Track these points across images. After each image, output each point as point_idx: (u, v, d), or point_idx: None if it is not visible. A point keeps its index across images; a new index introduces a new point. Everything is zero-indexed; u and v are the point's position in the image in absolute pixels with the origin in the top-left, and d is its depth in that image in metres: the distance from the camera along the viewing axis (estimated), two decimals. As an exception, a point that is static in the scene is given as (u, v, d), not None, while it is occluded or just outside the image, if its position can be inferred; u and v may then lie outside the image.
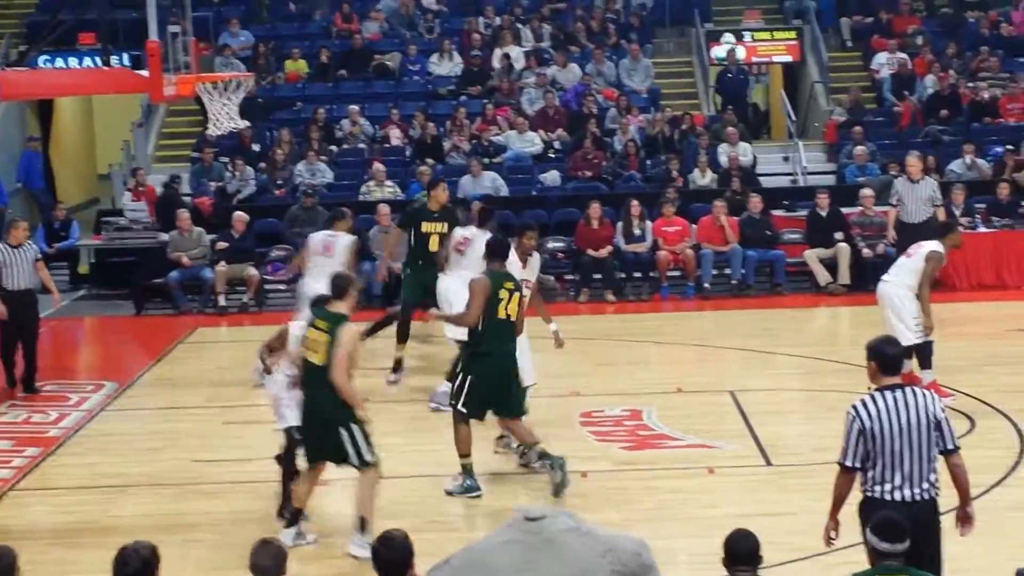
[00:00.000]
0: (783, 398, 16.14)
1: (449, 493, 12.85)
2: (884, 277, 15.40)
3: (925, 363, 15.08)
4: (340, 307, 11.45)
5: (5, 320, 17.19)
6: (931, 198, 20.73)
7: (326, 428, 11.37)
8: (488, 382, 12.69)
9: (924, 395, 8.56)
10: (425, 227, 16.99)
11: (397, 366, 17.17)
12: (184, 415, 16.28)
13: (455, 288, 15.24)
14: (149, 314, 22.57)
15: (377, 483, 11.44)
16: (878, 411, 8.45)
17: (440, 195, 17.28)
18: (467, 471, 12.83)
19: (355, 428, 11.30)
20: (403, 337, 17.21)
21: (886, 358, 8.63)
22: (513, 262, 13.64)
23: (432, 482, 13.08)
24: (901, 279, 15.11)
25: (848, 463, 8.56)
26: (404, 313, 17.21)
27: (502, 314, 12.65)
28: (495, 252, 13.09)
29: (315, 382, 11.34)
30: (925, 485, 8.47)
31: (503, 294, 12.65)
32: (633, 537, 4.60)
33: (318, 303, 11.64)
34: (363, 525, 11.29)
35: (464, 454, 12.83)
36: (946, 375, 15.91)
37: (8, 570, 7.38)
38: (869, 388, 8.71)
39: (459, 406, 12.74)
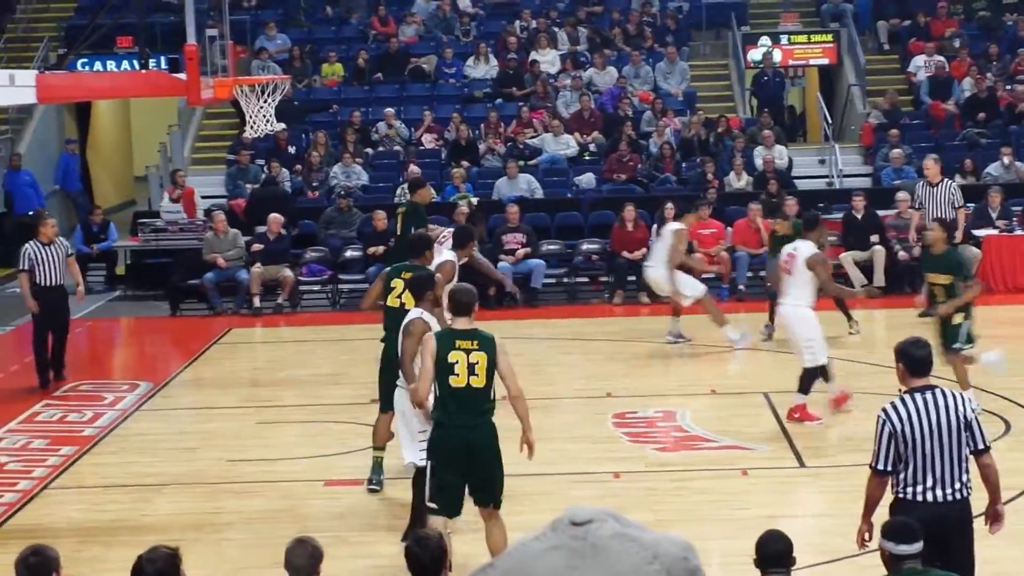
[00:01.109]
0: (817, 400, 16.07)
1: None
2: (781, 301, 15.43)
3: (803, 387, 14.99)
4: (469, 323, 10.24)
5: (37, 315, 17.40)
6: (951, 200, 20.66)
7: (491, 459, 10.15)
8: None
9: (954, 396, 8.55)
10: None
11: None
12: (218, 415, 16.35)
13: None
14: (184, 315, 22.67)
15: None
16: (908, 414, 8.44)
17: (426, 195, 17.92)
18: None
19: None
20: None
21: (914, 360, 8.61)
22: None
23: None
24: (798, 300, 15.18)
25: (880, 466, 8.54)
26: None
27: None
28: (419, 287, 11.56)
29: (475, 410, 10.10)
30: (957, 485, 8.45)
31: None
32: (678, 540, 4.54)
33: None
34: None
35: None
36: (983, 377, 15.84)
37: (50, 569, 7.40)
38: (900, 390, 8.68)
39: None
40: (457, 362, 9.91)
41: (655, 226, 22.38)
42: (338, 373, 17.97)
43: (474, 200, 24.14)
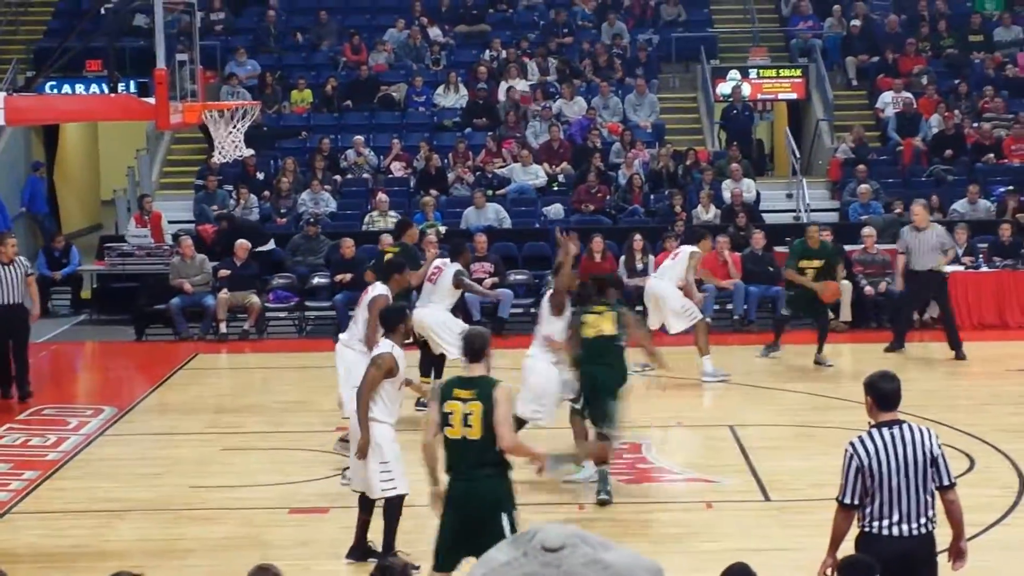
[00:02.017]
0: (783, 433, 16.10)
1: None
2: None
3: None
4: (480, 369, 9.78)
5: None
6: (939, 245, 20.32)
7: (488, 517, 9.50)
8: None
9: (922, 431, 8.55)
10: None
11: None
12: (182, 441, 16.26)
13: (429, 321, 16.53)
14: (150, 340, 22.58)
15: None
16: (876, 448, 8.43)
17: (414, 234, 18.31)
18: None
19: (515, 514, 9.64)
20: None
21: (883, 394, 8.61)
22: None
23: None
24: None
25: (847, 500, 8.53)
26: None
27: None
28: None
29: (471, 462, 9.62)
30: (923, 520, 8.45)
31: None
32: (650, 565, 4.54)
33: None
34: None
35: None
36: (949, 413, 15.94)
37: None
38: (870, 424, 8.69)
39: None
40: (452, 412, 9.55)
41: (650, 256, 22.55)
42: (304, 400, 17.90)
43: (442, 229, 24.13)
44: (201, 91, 20.15)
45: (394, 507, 11.40)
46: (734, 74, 29.69)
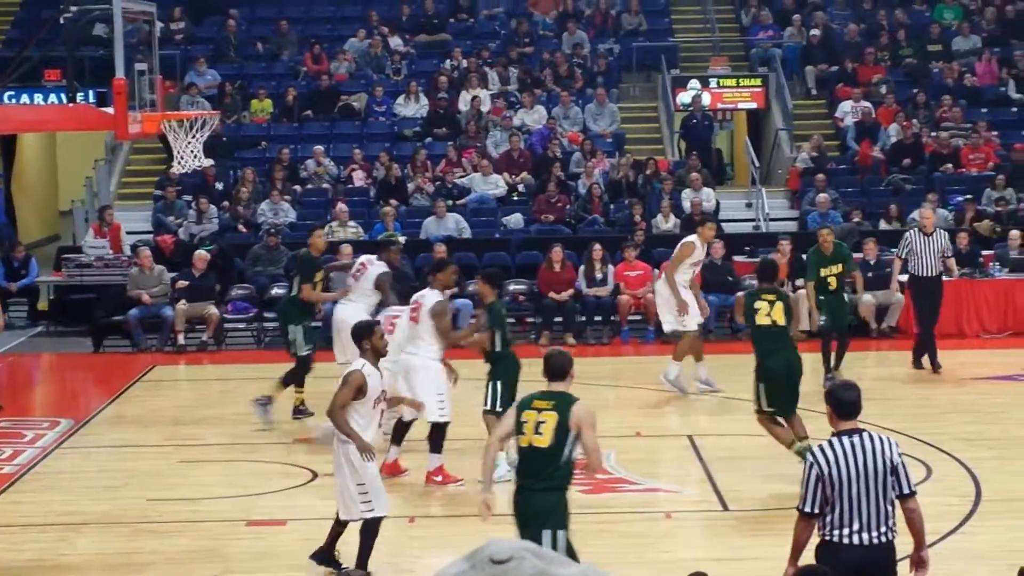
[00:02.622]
0: (742, 443, 16.09)
1: None
2: (411, 350, 14.65)
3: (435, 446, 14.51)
4: (561, 387, 9.77)
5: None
6: (943, 250, 19.97)
7: (535, 530, 9.50)
8: None
9: (882, 440, 8.55)
10: (318, 276, 17.32)
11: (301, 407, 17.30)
12: (140, 453, 16.18)
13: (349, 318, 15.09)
14: (108, 352, 22.47)
15: None
16: (836, 456, 8.44)
17: (318, 242, 17.66)
18: None
19: (562, 533, 9.66)
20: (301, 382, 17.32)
21: (842, 403, 8.62)
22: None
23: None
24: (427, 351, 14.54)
25: (807, 509, 8.54)
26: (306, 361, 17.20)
27: None
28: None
29: (532, 471, 9.64)
30: (883, 529, 8.47)
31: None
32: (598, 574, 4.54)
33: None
34: None
35: None
36: (908, 422, 16.01)
37: None
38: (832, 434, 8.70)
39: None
40: (527, 421, 9.57)
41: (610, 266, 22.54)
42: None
43: (401, 239, 24.07)
44: (160, 101, 20.07)
45: (371, 528, 11.35)
46: (694, 83, 29.73)
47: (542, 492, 9.58)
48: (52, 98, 27.35)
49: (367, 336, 11.47)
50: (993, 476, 14.38)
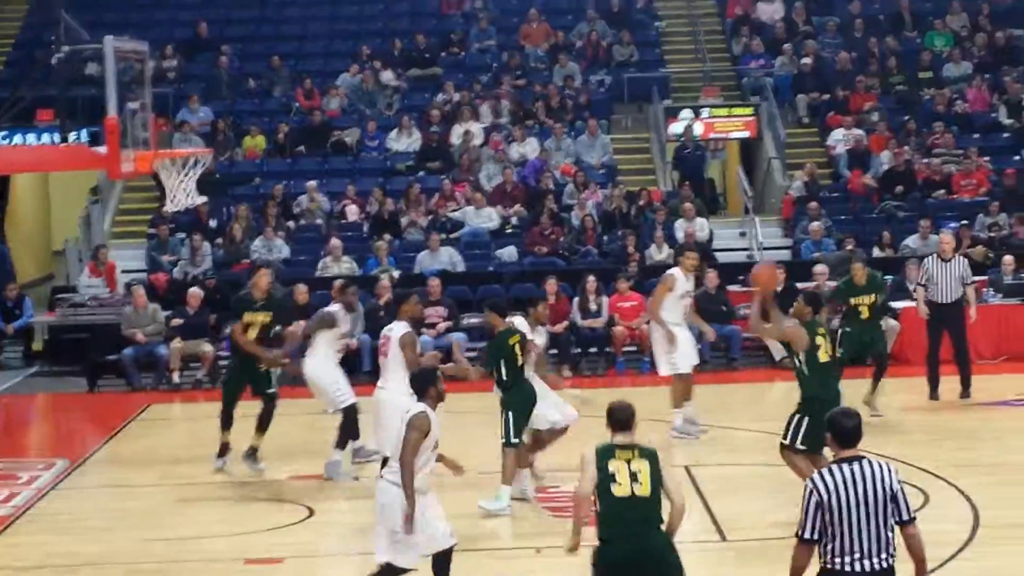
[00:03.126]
0: (739, 473, 16.08)
1: None
2: (380, 384, 14.65)
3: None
4: (631, 437, 9.60)
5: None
6: (962, 277, 19.71)
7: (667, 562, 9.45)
8: None
9: (881, 466, 8.56)
10: (247, 317, 16.45)
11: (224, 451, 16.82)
12: (136, 493, 16.13)
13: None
14: (103, 391, 22.44)
15: None
16: (835, 483, 8.45)
17: (260, 281, 16.73)
18: None
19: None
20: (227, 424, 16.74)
21: (843, 430, 8.63)
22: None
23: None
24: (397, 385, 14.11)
25: (806, 535, 8.54)
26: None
27: None
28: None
29: (643, 520, 9.40)
30: (883, 555, 8.48)
31: None
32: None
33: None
34: None
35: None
36: (904, 448, 15.96)
37: None
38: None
39: None
40: (616, 472, 9.33)
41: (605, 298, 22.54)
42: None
43: (396, 273, 24.12)
44: (153, 139, 20.12)
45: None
46: (686, 113, 29.78)
47: (663, 531, 9.41)
48: (45, 138, 27.40)
49: (430, 383, 11.22)
50: (991, 502, 14.33)
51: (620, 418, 9.59)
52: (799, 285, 22.79)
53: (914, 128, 28.93)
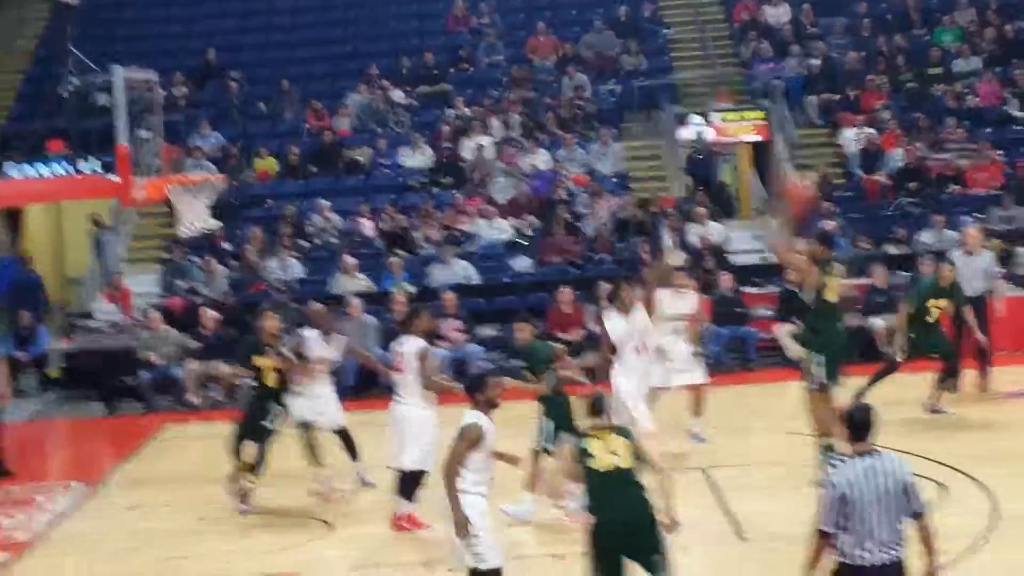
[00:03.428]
0: (757, 473, 16.05)
1: None
2: (396, 398, 14.53)
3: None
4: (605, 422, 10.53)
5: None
6: (988, 270, 19.77)
7: (652, 527, 10.23)
8: None
9: (894, 460, 8.70)
10: (256, 361, 15.82)
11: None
12: (156, 513, 16.15)
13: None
14: (120, 415, 22.50)
15: None
16: (853, 477, 8.60)
17: (268, 324, 15.92)
18: None
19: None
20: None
21: (857, 424, 8.78)
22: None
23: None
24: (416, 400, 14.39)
25: (828, 528, 8.67)
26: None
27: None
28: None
29: (627, 484, 10.22)
30: (897, 548, 8.55)
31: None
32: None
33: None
34: None
35: None
36: (922, 443, 15.92)
37: None
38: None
39: None
40: (593, 449, 10.33)
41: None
42: (276, 466, 17.77)
43: (411, 288, 24.15)
44: (165, 166, 20.21)
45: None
46: (697, 119, 29.74)
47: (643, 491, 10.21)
48: (57, 168, 27.45)
49: (480, 388, 11.27)
50: (1011, 494, 14.27)
51: (597, 407, 10.54)
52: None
53: (926, 124, 28.85)
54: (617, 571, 10.14)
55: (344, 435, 16.44)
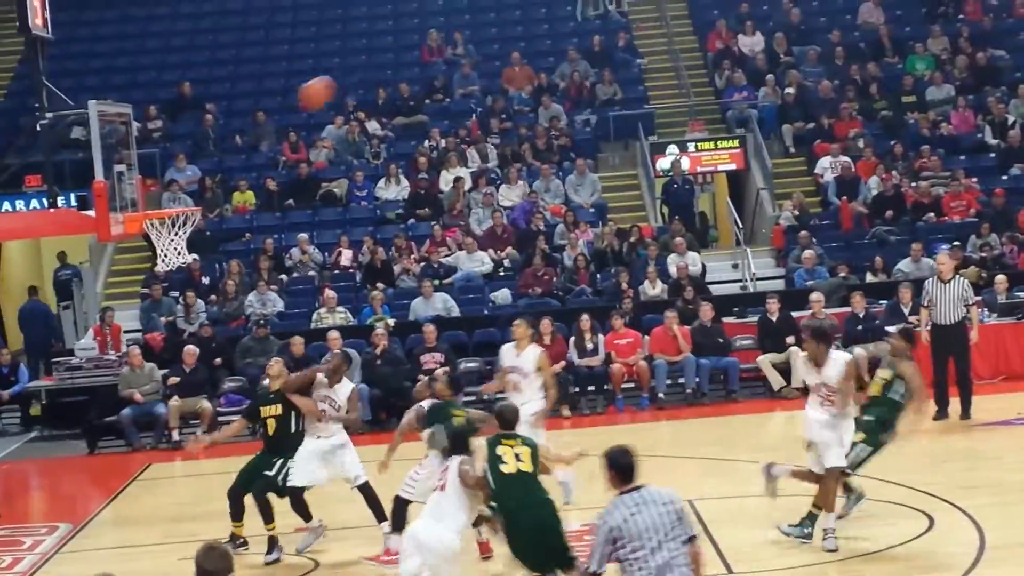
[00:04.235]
0: (742, 504, 16.05)
1: None
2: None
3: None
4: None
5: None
6: (963, 298, 19.77)
7: (556, 535, 11.49)
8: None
9: (662, 491, 9.13)
10: (263, 411, 15.36)
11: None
12: (140, 553, 16.06)
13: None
14: (102, 453, 22.40)
15: None
16: (626, 513, 8.96)
17: (272, 371, 15.44)
18: None
19: None
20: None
21: (621, 467, 9.21)
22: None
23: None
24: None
25: (594, 568, 9.11)
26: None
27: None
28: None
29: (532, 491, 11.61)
30: (680, 571, 8.97)
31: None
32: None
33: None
34: None
35: None
36: (904, 473, 15.93)
37: None
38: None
39: None
40: (503, 455, 11.64)
41: (572, 338, 22.53)
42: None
43: (391, 321, 24.14)
44: (141, 200, 20.13)
45: None
46: (672, 148, 29.84)
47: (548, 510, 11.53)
48: (34, 204, 27.44)
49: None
50: (996, 523, 14.30)
51: (508, 419, 12.05)
52: (795, 314, 22.95)
53: (901, 152, 29.01)
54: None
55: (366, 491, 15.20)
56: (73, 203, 26.02)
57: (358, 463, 15.02)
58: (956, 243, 25.63)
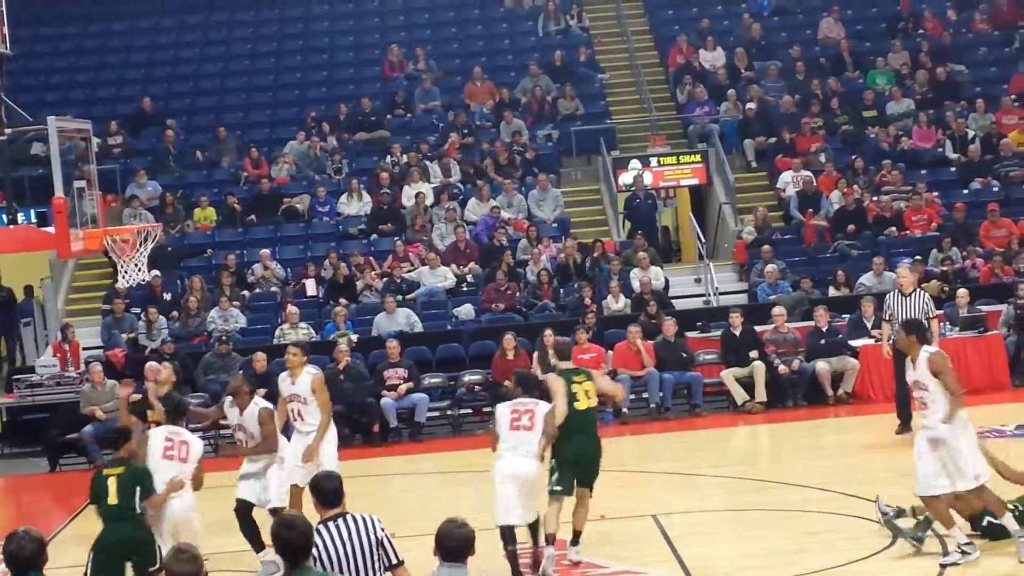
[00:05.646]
0: (707, 519, 16.06)
1: None
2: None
3: None
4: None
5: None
6: (924, 311, 19.41)
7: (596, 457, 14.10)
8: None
9: (364, 519, 9.16)
10: None
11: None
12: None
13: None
14: (64, 470, 22.25)
15: None
16: (326, 541, 8.99)
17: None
18: None
19: None
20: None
21: (325, 492, 9.23)
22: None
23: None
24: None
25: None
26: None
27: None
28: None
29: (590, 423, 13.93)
30: None
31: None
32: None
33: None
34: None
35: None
36: (870, 486, 15.93)
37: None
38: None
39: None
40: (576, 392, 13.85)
41: (536, 353, 22.49)
42: (222, 521, 17.62)
43: (354, 337, 24.08)
44: (102, 216, 20.01)
45: None
46: (635, 163, 29.86)
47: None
48: (-7, 220, 27.17)
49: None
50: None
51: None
52: (758, 328, 23.00)
53: (862, 167, 29.11)
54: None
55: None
56: (33, 219, 25.83)
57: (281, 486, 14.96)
58: (918, 257, 25.74)
